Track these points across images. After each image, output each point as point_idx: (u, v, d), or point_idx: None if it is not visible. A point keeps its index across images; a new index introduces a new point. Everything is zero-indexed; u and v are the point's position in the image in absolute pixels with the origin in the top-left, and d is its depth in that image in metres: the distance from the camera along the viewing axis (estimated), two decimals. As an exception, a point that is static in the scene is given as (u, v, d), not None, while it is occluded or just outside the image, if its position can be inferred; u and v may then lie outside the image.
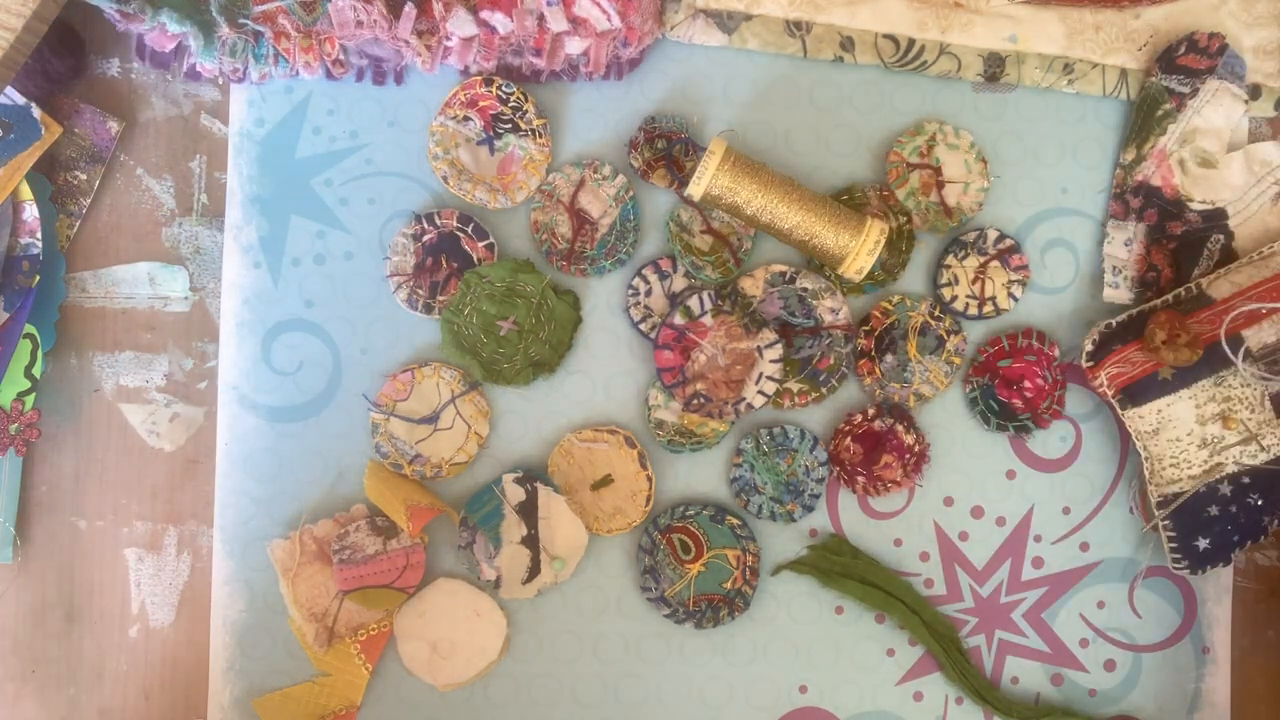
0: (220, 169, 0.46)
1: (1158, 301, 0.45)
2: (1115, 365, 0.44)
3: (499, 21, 0.42)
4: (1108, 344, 0.45)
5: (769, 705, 0.47)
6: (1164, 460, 0.45)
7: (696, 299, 0.41)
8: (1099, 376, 0.45)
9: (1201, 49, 0.45)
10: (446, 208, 0.45)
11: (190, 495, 0.46)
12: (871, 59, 0.45)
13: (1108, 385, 0.45)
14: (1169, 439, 0.45)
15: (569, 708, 0.46)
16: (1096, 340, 0.45)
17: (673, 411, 0.45)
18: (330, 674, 0.45)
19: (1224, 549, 0.45)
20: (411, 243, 0.45)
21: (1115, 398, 0.45)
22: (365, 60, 0.44)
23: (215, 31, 0.42)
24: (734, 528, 0.45)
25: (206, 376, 0.46)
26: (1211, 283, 0.45)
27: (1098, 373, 0.45)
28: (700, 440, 0.45)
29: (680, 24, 0.45)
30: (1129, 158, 0.46)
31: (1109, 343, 0.45)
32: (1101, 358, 0.45)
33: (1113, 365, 0.44)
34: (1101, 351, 0.45)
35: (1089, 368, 0.45)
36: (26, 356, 0.44)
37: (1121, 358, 0.44)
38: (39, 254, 0.44)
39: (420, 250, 0.44)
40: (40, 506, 0.45)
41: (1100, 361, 0.45)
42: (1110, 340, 0.45)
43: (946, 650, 0.46)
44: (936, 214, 0.46)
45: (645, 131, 0.45)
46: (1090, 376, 0.45)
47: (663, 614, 0.46)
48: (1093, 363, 0.45)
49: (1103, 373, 0.45)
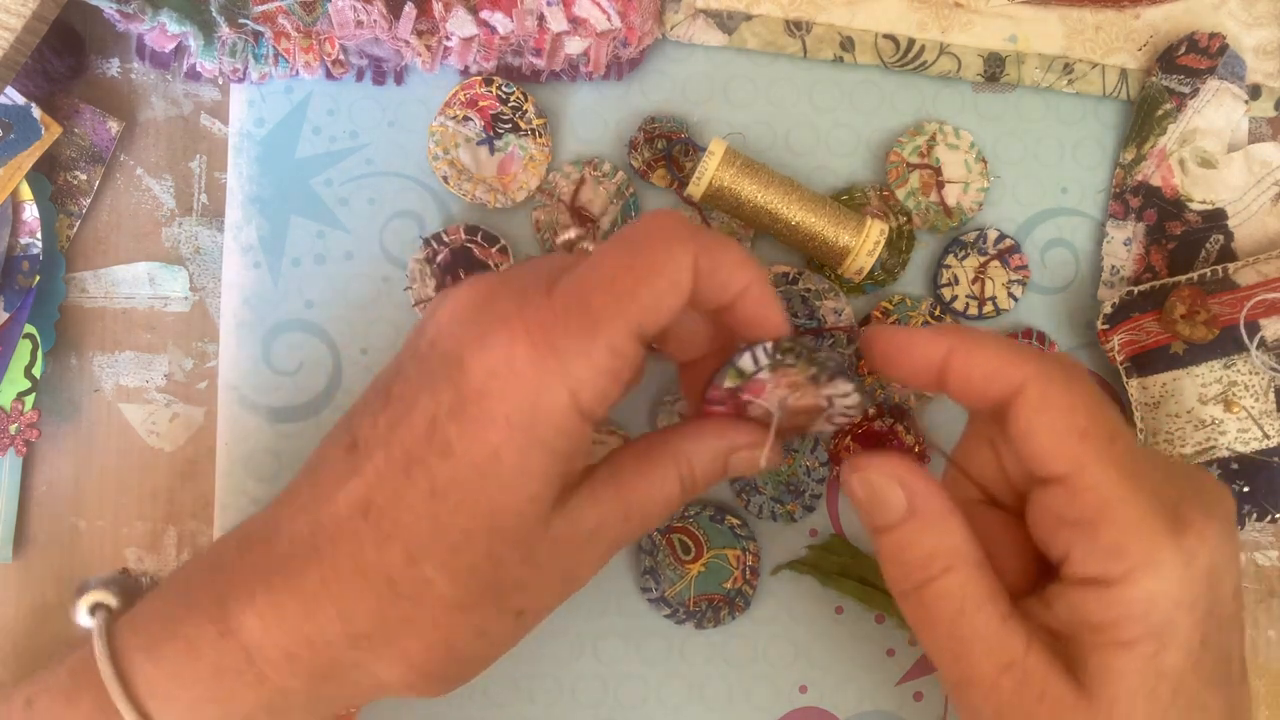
0: (220, 169, 0.46)
1: (1182, 278, 0.45)
2: (1129, 332, 0.45)
3: (499, 21, 0.42)
4: (1126, 310, 0.45)
5: (769, 705, 0.47)
6: (1159, 435, 0.45)
7: (749, 357, 0.34)
8: (1111, 341, 0.45)
9: (1201, 49, 0.45)
10: (451, 224, 0.45)
11: (190, 495, 0.46)
12: (871, 59, 0.46)
13: (1118, 350, 0.45)
14: (1168, 414, 0.45)
15: (569, 708, 0.46)
16: (1116, 304, 0.45)
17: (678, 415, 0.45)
18: (330, 674, 0.45)
19: None
20: (426, 267, 0.44)
21: (1123, 364, 0.45)
22: (365, 60, 0.44)
23: (215, 31, 0.42)
24: (734, 528, 0.45)
25: (206, 376, 0.46)
26: (1238, 269, 0.45)
27: (1110, 337, 0.45)
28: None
29: (680, 24, 0.45)
30: (1129, 158, 0.46)
31: (1127, 309, 0.45)
32: (1118, 322, 0.45)
33: (1126, 332, 0.45)
34: (1119, 316, 0.45)
35: (1103, 330, 0.45)
36: (26, 356, 0.44)
37: (1137, 325, 0.45)
38: (39, 254, 0.44)
39: (438, 273, 0.44)
40: (40, 506, 0.45)
41: (1115, 326, 0.45)
42: (1129, 307, 0.45)
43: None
44: (936, 214, 0.46)
45: (645, 131, 0.45)
46: (1102, 340, 0.45)
47: (663, 614, 0.46)
48: (1108, 325, 0.45)
49: (1115, 338, 0.45)
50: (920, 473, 0.34)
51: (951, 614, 0.33)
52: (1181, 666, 0.31)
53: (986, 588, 0.33)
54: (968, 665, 0.33)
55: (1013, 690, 0.32)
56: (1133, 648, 0.31)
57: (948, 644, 0.33)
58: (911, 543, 0.33)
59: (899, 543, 0.34)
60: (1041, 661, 0.32)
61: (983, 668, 0.32)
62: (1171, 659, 0.31)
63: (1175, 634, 0.31)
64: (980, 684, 0.32)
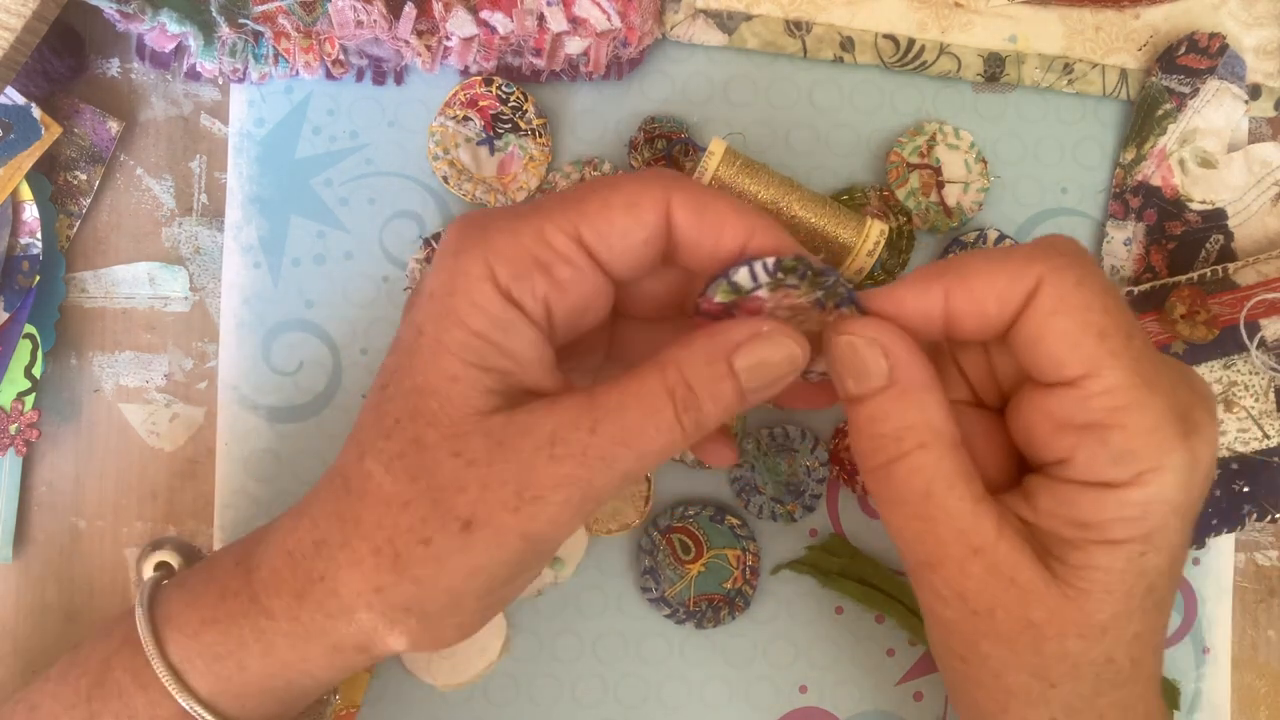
0: (220, 169, 0.46)
1: (1181, 278, 0.45)
2: None
3: (499, 21, 0.42)
4: None
5: (769, 705, 0.47)
6: None
7: (746, 271, 0.31)
8: None
9: (1201, 49, 0.45)
10: (450, 221, 0.45)
11: (190, 495, 0.46)
12: (871, 59, 0.46)
13: None
14: None
15: (569, 708, 0.46)
16: None
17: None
18: (330, 674, 0.45)
19: (1200, 531, 0.45)
20: (426, 267, 0.44)
21: None
22: (365, 60, 0.44)
23: (215, 31, 0.42)
24: (734, 528, 0.45)
25: (206, 376, 0.46)
26: (1238, 270, 0.45)
27: None
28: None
29: (680, 24, 0.45)
30: (1129, 158, 0.46)
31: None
32: None
33: None
34: None
35: None
36: (26, 356, 0.44)
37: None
38: (39, 254, 0.44)
39: None
40: (40, 506, 0.45)
41: None
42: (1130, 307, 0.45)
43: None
44: (936, 214, 0.46)
45: (645, 131, 0.45)
46: None
47: (663, 614, 0.46)
48: None
49: None
50: (906, 342, 0.31)
51: (921, 492, 0.31)
52: (1161, 568, 0.31)
53: (960, 468, 0.31)
54: (934, 546, 0.31)
55: (981, 575, 0.31)
56: (1120, 547, 0.30)
57: (914, 524, 0.32)
58: (888, 414, 0.31)
59: (874, 413, 0.32)
60: (1013, 548, 0.31)
61: (951, 550, 0.31)
62: (1155, 560, 0.30)
63: (1164, 537, 0.30)
64: (946, 566, 0.31)
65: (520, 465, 0.30)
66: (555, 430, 0.30)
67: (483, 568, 0.31)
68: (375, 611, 0.32)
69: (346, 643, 0.33)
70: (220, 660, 0.34)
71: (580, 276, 0.32)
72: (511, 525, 0.30)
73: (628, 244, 0.32)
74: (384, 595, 0.32)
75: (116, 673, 0.35)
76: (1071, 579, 0.31)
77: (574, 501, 0.31)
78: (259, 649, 0.34)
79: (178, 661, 0.34)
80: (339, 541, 0.32)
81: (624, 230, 0.31)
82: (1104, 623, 0.31)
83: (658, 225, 0.32)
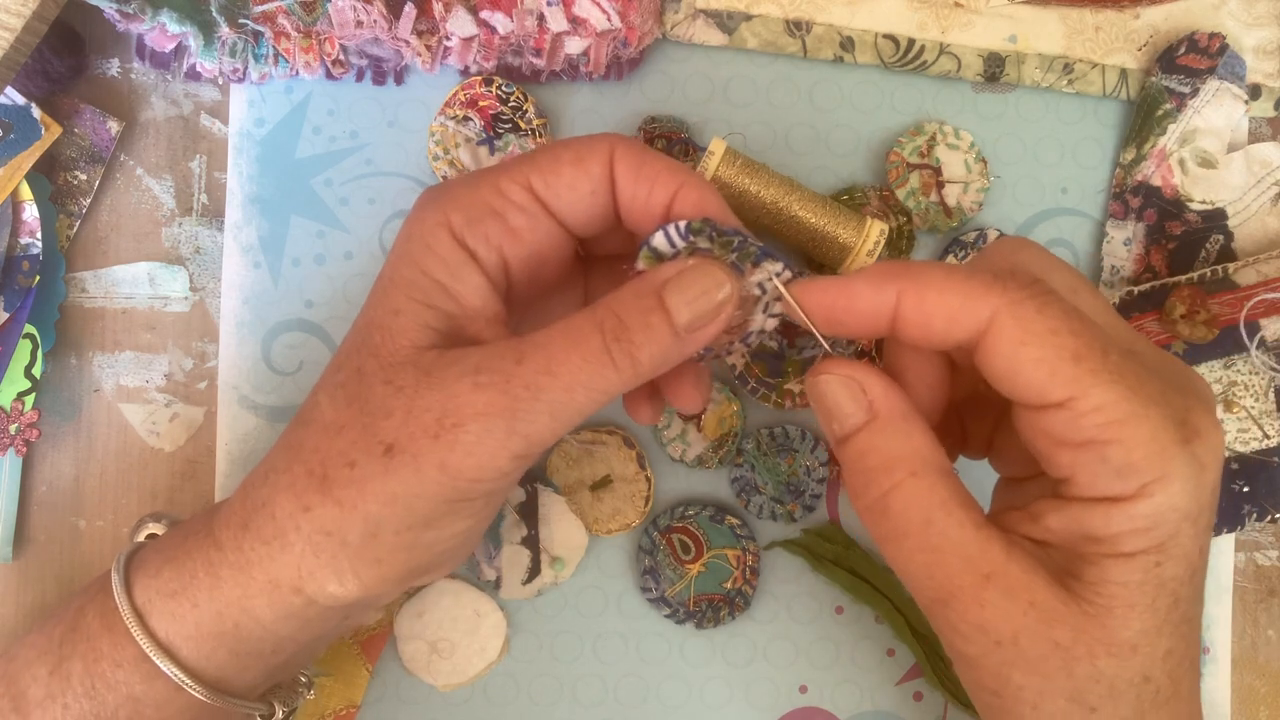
0: (220, 169, 0.46)
1: (1181, 278, 0.45)
2: None
3: (499, 21, 0.42)
4: (1126, 310, 0.45)
5: (769, 705, 0.47)
6: None
7: (662, 235, 0.32)
8: None
9: (1201, 49, 0.45)
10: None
11: (190, 495, 0.46)
12: (871, 59, 0.46)
13: None
14: None
15: (569, 708, 0.46)
16: (1116, 304, 0.45)
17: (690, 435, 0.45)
18: (330, 674, 0.45)
19: None
20: None
21: None
22: (365, 60, 0.44)
23: (215, 31, 0.42)
24: (734, 528, 0.45)
25: (206, 376, 0.46)
26: (1238, 269, 0.45)
27: None
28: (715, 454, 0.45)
29: (680, 24, 0.45)
30: (1129, 158, 0.46)
31: (1127, 309, 0.45)
32: None
33: None
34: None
35: None
36: (26, 356, 0.44)
37: (1137, 325, 0.45)
38: (39, 254, 0.44)
39: None
40: (40, 506, 0.45)
41: None
42: (1129, 308, 0.45)
43: (927, 653, 0.45)
44: (936, 214, 0.46)
45: (645, 131, 0.45)
46: None
47: (663, 614, 0.46)
48: None
49: None
50: (879, 376, 0.32)
51: (920, 522, 0.31)
52: (1181, 578, 0.30)
53: (956, 495, 0.31)
54: (945, 578, 0.31)
55: (997, 601, 0.30)
56: (1135, 559, 0.29)
57: (920, 556, 0.31)
58: (873, 447, 0.31)
59: (861, 448, 0.32)
60: (1025, 569, 0.30)
61: (962, 580, 0.30)
62: (1172, 570, 0.30)
63: (1179, 545, 0.29)
64: (961, 599, 0.30)
65: (445, 394, 0.31)
66: (481, 360, 0.31)
67: (399, 496, 0.31)
68: (303, 535, 0.33)
69: (283, 579, 0.33)
70: (174, 597, 0.35)
71: (534, 224, 0.34)
72: (430, 452, 0.31)
73: (576, 195, 0.34)
74: (311, 516, 0.32)
75: (88, 618, 0.36)
76: (1090, 595, 0.30)
77: (496, 433, 0.31)
78: (208, 583, 0.34)
79: (141, 603, 0.35)
80: (282, 467, 0.34)
81: (571, 181, 0.34)
82: (1132, 640, 0.30)
83: (602, 178, 0.34)
